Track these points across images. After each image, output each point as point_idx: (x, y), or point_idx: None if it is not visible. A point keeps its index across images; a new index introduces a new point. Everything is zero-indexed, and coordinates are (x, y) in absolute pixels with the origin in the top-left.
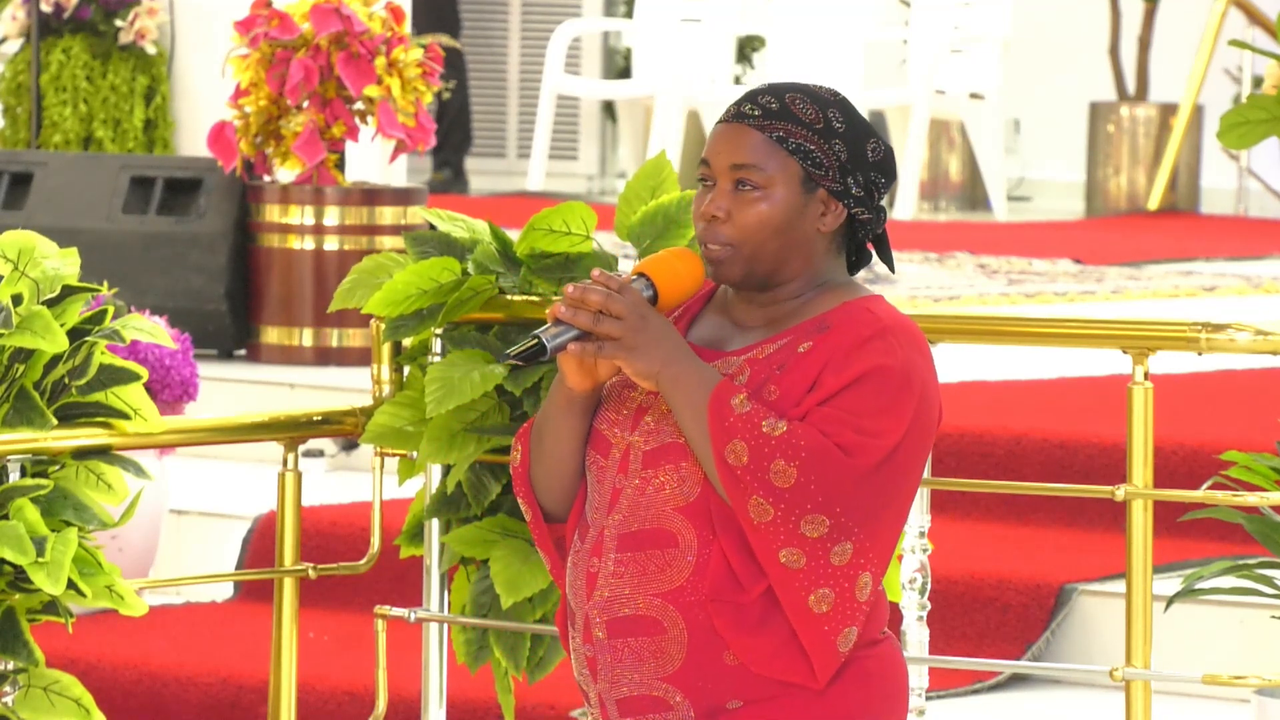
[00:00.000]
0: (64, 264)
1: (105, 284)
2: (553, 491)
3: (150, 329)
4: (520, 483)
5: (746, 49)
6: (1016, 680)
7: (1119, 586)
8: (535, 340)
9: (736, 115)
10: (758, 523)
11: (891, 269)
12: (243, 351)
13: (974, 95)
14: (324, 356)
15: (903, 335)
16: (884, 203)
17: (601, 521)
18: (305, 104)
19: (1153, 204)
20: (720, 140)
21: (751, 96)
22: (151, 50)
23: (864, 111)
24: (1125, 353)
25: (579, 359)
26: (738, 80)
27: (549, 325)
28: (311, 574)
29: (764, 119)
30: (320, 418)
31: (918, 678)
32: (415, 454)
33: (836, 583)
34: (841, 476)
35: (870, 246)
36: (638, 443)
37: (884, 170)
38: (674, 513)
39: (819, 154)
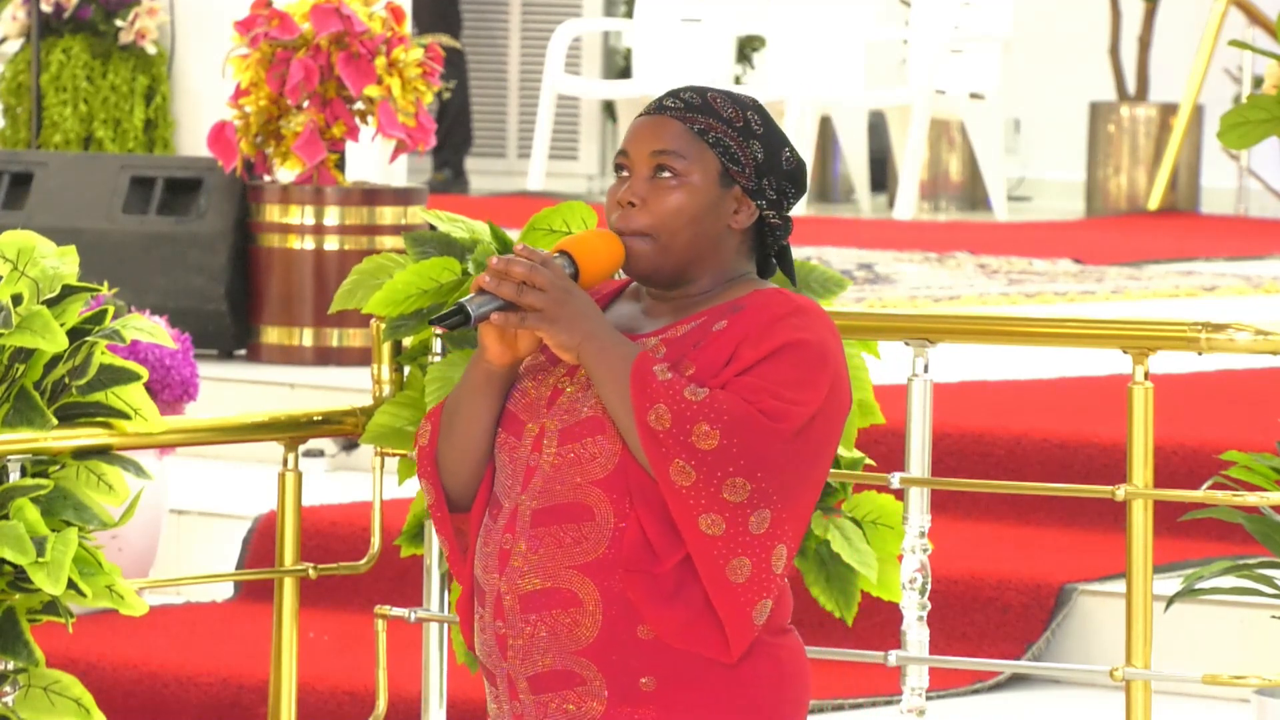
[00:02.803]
0: (63, 263)
1: (105, 284)
2: (459, 474)
3: (150, 329)
4: (426, 462)
5: (746, 49)
6: (1016, 680)
7: (1119, 586)
8: (459, 307)
9: (658, 108)
10: (679, 486)
11: (793, 282)
12: (243, 351)
13: (974, 95)
14: (324, 356)
15: (817, 316)
16: (790, 214)
17: (515, 499)
18: (305, 104)
19: (1153, 204)
20: (641, 129)
21: (673, 93)
22: (151, 50)
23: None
24: (1125, 353)
25: (500, 330)
26: (738, 80)
27: (473, 295)
28: (311, 574)
29: (686, 111)
30: (320, 418)
31: (918, 678)
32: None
33: (754, 552)
34: (763, 440)
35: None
36: (552, 422)
37: (795, 181)
38: (590, 486)
39: (737, 151)
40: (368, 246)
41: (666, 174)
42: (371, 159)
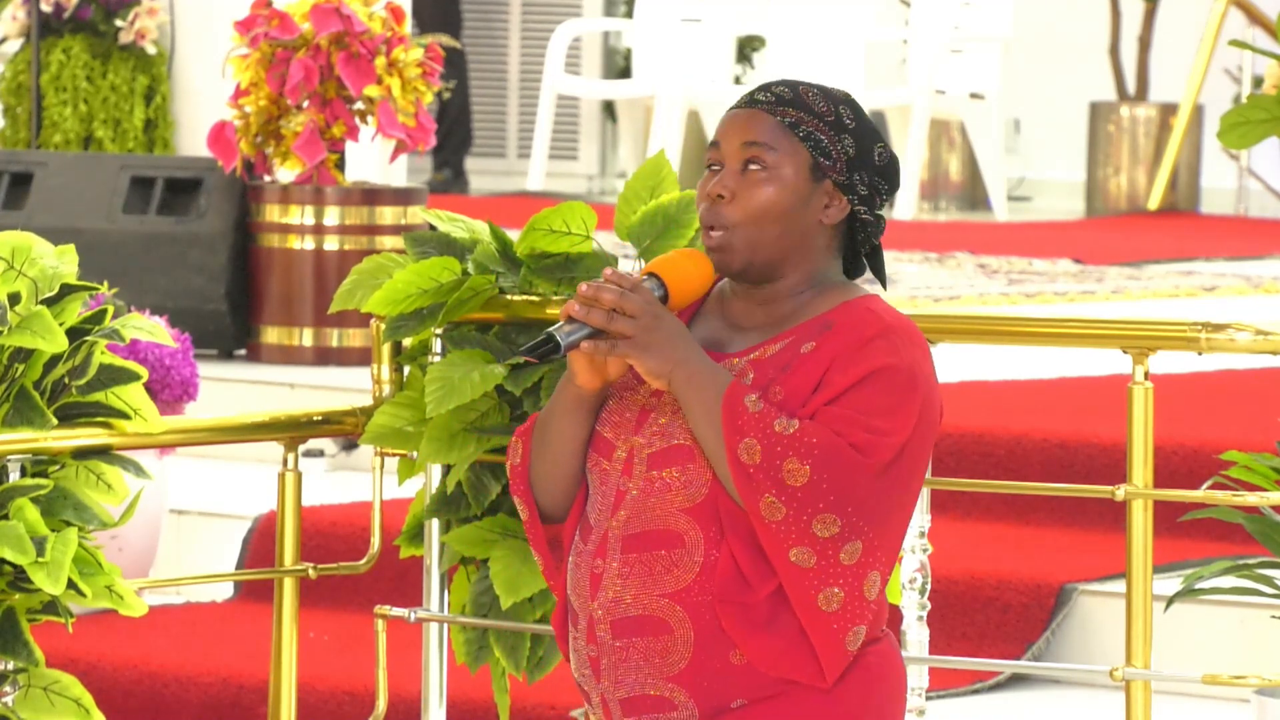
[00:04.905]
0: (62, 262)
1: (105, 284)
2: (552, 492)
3: (150, 328)
4: (519, 481)
5: (746, 49)
6: (1016, 680)
7: (1119, 586)
8: (549, 337)
9: (750, 101)
10: (769, 521)
11: (883, 284)
12: (243, 351)
13: (974, 95)
14: (324, 356)
15: (905, 335)
16: (884, 212)
17: (605, 523)
18: (305, 104)
19: (1153, 204)
20: (732, 123)
21: (765, 86)
22: (151, 50)
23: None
24: (1125, 353)
25: (590, 357)
26: (738, 80)
27: (562, 323)
28: (311, 574)
29: (777, 105)
30: (320, 418)
31: (918, 678)
32: (415, 454)
33: (846, 581)
34: (854, 475)
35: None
36: (641, 445)
37: (887, 176)
38: (680, 514)
39: (828, 144)
40: (368, 246)
41: (756, 166)
42: (371, 159)
